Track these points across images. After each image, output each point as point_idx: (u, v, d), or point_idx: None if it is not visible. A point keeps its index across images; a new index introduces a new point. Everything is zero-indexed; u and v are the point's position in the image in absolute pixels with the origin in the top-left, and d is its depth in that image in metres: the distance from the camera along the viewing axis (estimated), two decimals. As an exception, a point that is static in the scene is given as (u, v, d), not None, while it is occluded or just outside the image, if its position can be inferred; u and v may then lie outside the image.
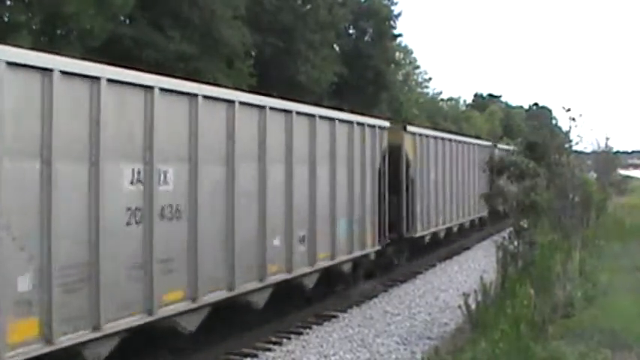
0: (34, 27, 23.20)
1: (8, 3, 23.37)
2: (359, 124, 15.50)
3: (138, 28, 26.89)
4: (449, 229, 23.07)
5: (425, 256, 21.21)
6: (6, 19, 22.05)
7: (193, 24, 28.29)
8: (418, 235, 19.60)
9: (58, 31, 24.17)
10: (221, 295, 10.40)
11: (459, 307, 12.65)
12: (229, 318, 11.39)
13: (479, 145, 27.90)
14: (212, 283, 10.13)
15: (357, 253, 15.17)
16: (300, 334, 12.76)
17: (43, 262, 7.40)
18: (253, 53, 33.02)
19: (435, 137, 21.84)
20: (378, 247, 16.32)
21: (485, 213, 25.63)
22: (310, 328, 13.21)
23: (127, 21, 27.57)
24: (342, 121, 14.57)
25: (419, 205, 19.44)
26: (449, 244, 23.78)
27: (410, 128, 19.83)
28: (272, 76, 34.20)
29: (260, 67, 33.17)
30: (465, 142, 25.69)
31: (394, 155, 17.81)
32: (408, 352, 11.80)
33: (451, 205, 23.06)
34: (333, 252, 13.98)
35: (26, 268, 7.25)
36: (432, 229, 20.95)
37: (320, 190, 13.38)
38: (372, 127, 16.33)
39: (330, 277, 14.37)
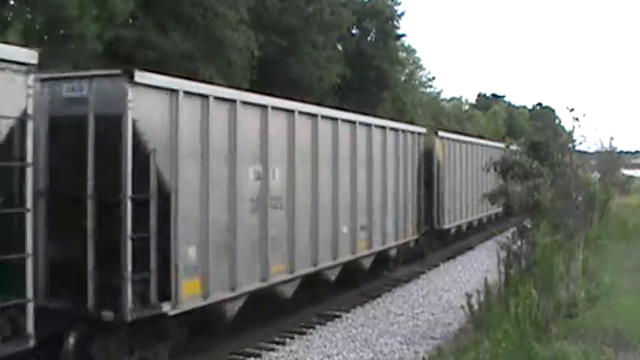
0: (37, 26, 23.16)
1: (12, 3, 23.36)
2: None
3: (140, 28, 26.82)
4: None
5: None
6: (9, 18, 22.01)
7: (196, 25, 28.22)
8: None
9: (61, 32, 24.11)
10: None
11: (462, 307, 12.66)
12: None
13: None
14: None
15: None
16: (304, 334, 12.77)
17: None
18: (256, 53, 32.93)
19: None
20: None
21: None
22: (313, 327, 13.22)
23: (130, 20, 27.51)
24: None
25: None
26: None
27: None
28: (274, 76, 34.17)
29: (262, 66, 33.11)
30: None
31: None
32: (411, 352, 11.81)
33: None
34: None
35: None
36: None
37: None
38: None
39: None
